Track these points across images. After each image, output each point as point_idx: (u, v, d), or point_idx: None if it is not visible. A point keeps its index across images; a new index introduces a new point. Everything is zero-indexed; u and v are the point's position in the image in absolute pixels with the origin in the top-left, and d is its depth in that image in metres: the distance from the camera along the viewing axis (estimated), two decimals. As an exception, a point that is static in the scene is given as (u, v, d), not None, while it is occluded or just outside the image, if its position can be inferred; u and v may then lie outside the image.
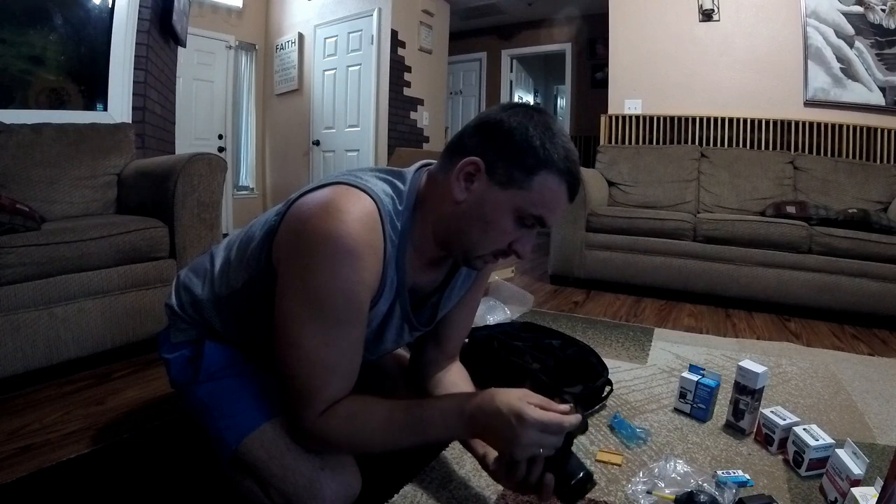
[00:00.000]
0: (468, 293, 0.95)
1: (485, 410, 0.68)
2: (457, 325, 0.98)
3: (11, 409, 1.23)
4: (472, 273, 0.91)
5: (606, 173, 3.27)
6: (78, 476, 0.98)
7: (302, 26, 4.53)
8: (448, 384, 0.95)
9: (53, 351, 1.37)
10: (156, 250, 1.60)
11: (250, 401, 0.83)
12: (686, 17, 3.49)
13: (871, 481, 0.93)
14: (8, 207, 1.35)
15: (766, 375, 1.20)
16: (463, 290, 0.93)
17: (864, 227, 2.34)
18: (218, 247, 0.95)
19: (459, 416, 0.70)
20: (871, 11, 3.03)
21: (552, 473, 0.70)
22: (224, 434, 0.81)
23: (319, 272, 0.66)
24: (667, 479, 0.96)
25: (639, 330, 2.06)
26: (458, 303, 0.94)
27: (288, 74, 4.67)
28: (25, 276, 1.31)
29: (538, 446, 0.67)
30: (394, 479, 0.97)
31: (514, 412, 0.66)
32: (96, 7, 2.37)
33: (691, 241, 2.61)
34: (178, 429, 1.14)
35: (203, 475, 0.95)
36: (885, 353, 1.94)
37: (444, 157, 0.75)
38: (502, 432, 0.67)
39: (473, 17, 5.33)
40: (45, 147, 1.81)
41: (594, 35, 5.07)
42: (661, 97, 3.58)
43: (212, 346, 0.91)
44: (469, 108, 5.97)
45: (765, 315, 2.42)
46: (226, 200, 4.35)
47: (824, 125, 3.15)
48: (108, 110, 2.38)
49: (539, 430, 0.66)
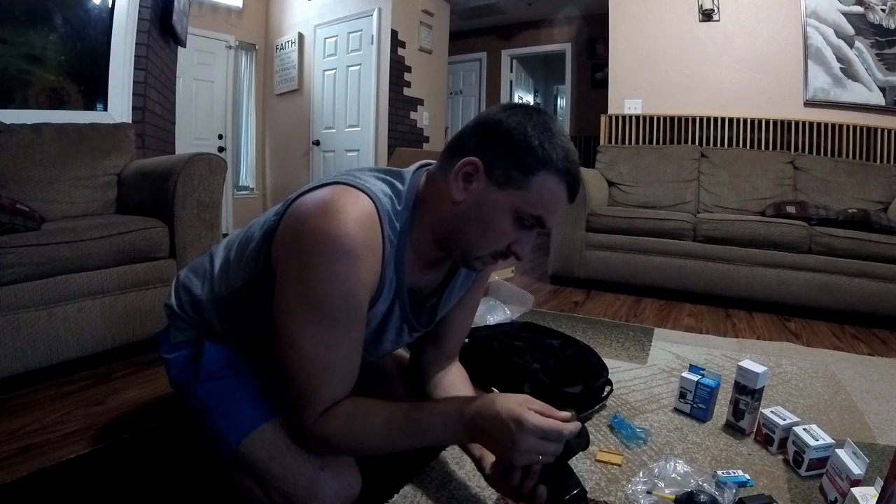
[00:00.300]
0: (468, 294, 0.95)
1: (484, 415, 0.68)
2: (456, 325, 0.97)
3: (11, 409, 1.23)
4: (472, 274, 0.91)
5: (606, 173, 3.26)
6: (78, 476, 0.98)
7: (302, 26, 4.53)
8: (447, 385, 0.94)
9: (53, 351, 1.37)
10: (156, 250, 1.60)
11: (250, 401, 0.83)
12: (686, 17, 3.49)
13: (871, 481, 0.93)
14: (8, 207, 1.35)
15: (766, 375, 1.20)
16: (462, 290, 0.93)
17: (864, 227, 2.34)
18: (217, 247, 0.95)
19: (459, 420, 0.70)
20: (871, 11, 3.03)
21: (547, 485, 0.69)
22: (224, 434, 0.81)
23: (318, 272, 0.66)
24: (667, 479, 0.96)
25: (639, 330, 2.06)
26: (457, 303, 0.94)
27: (288, 74, 4.67)
28: (25, 276, 1.31)
29: (536, 453, 0.66)
30: (394, 479, 0.97)
31: (514, 417, 0.66)
32: (96, 7, 2.37)
33: (691, 241, 2.61)
34: (178, 429, 1.14)
35: (203, 475, 0.95)
36: (885, 353, 1.94)
37: (443, 158, 0.75)
38: (501, 437, 0.67)
39: (473, 17, 5.33)
40: (45, 147, 1.81)
41: (594, 35, 5.07)
42: (661, 97, 3.58)
43: (211, 345, 0.91)
44: (469, 108, 5.97)
45: (765, 315, 2.42)
46: (226, 200, 4.35)
47: (824, 125, 3.15)
48: (108, 110, 2.38)
49: (538, 437, 0.65)
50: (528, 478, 0.70)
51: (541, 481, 0.70)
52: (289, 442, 0.76)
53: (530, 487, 0.70)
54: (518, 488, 0.70)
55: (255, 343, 0.87)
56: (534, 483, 0.70)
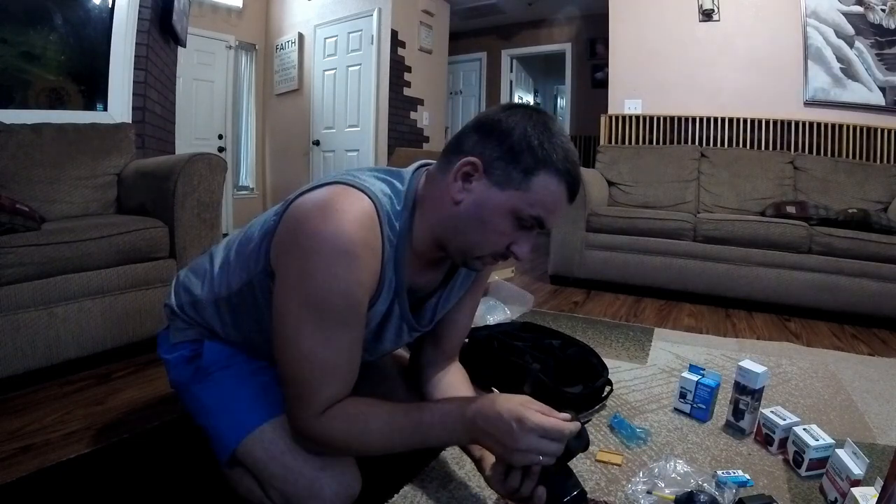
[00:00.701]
0: (467, 294, 0.95)
1: (485, 414, 0.68)
2: (456, 325, 0.97)
3: (11, 409, 1.23)
4: (472, 274, 0.91)
5: (606, 173, 3.26)
6: (78, 476, 0.98)
7: (302, 26, 4.53)
8: (447, 386, 0.94)
9: (53, 351, 1.37)
10: (156, 250, 1.60)
11: (250, 401, 0.83)
12: (686, 17, 3.49)
13: (871, 481, 0.93)
14: (8, 207, 1.35)
15: (766, 375, 1.20)
16: (462, 290, 0.93)
17: (864, 227, 2.34)
18: (217, 247, 0.95)
19: (460, 420, 0.70)
20: (871, 11, 3.03)
21: (547, 486, 0.69)
22: (223, 434, 0.81)
23: (317, 272, 0.66)
24: (667, 479, 0.96)
25: (639, 330, 2.06)
26: (457, 304, 0.94)
27: (288, 74, 4.67)
28: (25, 276, 1.31)
29: (537, 452, 0.66)
30: (394, 479, 0.97)
31: (516, 416, 0.66)
32: (96, 7, 2.37)
33: (691, 241, 2.61)
34: (178, 429, 1.14)
35: (203, 475, 0.95)
36: (885, 353, 1.94)
37: (442, 157, 0.75)
38: (502, 437, 0.66)
39: (473, 17, 5.33)
40: (45, 147, 1.81)
41: (594, 35, 5.07)
42: (661, 97, 3.58)
43: (211, 345, 0.91)
44: (469, 108, 5.97)
45: (765, 315, 2.42)
46: (226, 200, 4.35)
47: (824, 125, 3.15)
48: (108, 110, 2.38)
49: (539, 436, 0.65)
50: (527, 479, 0.70)
51: (540, 482, 0.70)
52: (289, 442, 0.76)
53: (530, 489, 0.70)
54: (517, 490, 0.70)
55: (255, 343, 0.87)
56: (534, 485, 0.70)
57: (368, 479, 0.82)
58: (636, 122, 3.64)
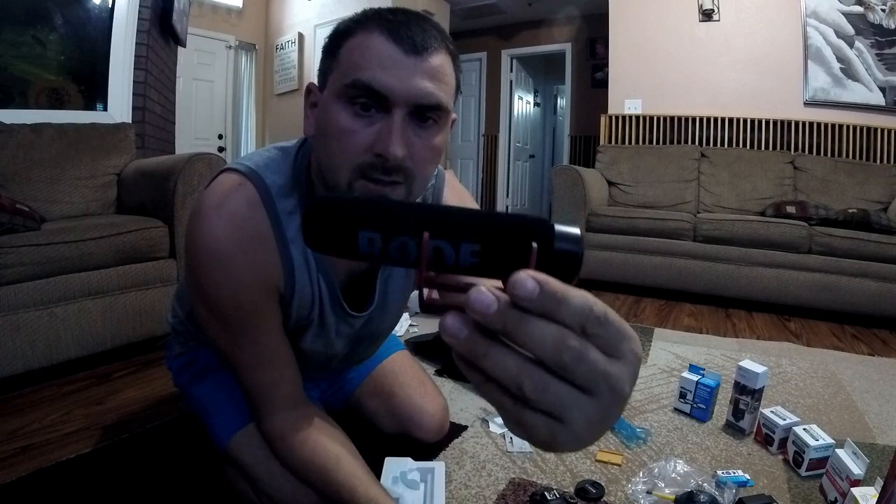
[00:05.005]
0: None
1: None
2: (389, 317, 0.86)
3: (11, 409, 1.23)
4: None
5: (606, 173, 3.26)
6: (78, 476, 0.98)
7: (302, 26, 4.53)
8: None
9: (53, 351, 1.37)
10: (156, 250, 1.60)
11: (238, 401, 0.83)
12: (686, 17, 3.48)
13: (871, 481, 0.93)
14: (8, 207, 1.35)
15: (766, 375, 1.20)
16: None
17: (864, 227, 2.34)
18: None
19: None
20: (871, 11, 3.03)
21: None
22: (215, 431, 0.83)
23: (202, 283, 0.66)
24: (667, 479, 0.96)
25: (639, 330, 2.06)
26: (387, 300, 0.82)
27: (288, 74, 4.67)
28: (25, 276, 1.31)
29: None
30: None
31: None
32: (96, 7, 2.37)
33: (691, 241, 2.61)
34: (177, 429, 1.14)
35: (203, 475, 0.95)
36: (885, 353, 1.94)
37: None
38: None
39: (473, 17, 5.33)
40: (45, 147, 1.81)
41: (594, 35, 5.07)
42: (661, 97, 3.58)
43: (206, 350, 0.92)
44: (469, 108, 5.96)
45: (765, 315, 2.42)
46: (226, 200, 4.34)
47: (824, 125, 3.15)
48: (108, 110, 2.37)
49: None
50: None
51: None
52: None
53: None
54: None
55: None
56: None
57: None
58: (636, 122, 3.64)
